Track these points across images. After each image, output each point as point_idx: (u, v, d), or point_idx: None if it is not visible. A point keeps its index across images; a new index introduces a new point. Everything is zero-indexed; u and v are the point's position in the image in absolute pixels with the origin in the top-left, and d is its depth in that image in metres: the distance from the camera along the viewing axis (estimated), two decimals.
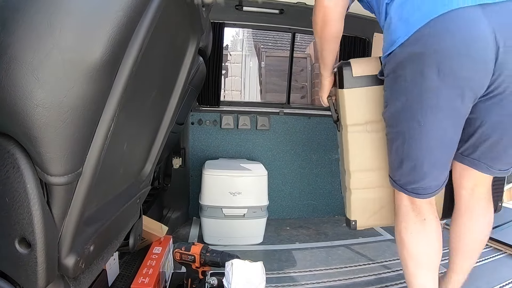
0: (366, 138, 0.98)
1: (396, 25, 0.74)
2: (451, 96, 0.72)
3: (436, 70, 0.70)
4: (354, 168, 1.01)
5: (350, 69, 0.94)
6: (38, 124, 0.35)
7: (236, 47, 3.51)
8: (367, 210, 1.04)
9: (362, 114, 0.96)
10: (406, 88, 0.76)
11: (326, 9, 0.83)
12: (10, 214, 0.40)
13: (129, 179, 0.74)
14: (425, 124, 0.75)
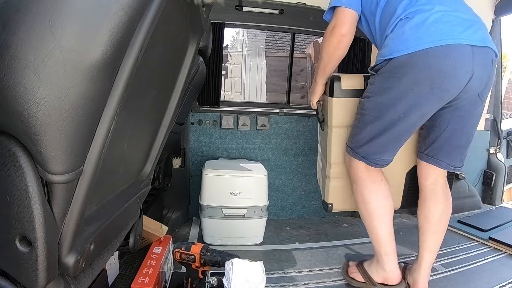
0: (345, 138, 1.19)
1: (408, 39, 0.92)
2: (432, 102, 0.97)
3: (430, 82, 0.92)
4: (334, 161, 1.24)
5: (340, 82, 1.17)
6: (39, 122, 0.35)
7: (236, 47, 3.51)
8: (341, 195, 1.28)
9: (345, 118, 1.19)
10: (397, 87, 0.96)
11: (342, 38, 1.04)
12: (11, 213, 0.41)
13: (129, 178, 0.74)
14: (405, 117, 0.98)
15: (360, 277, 1.19)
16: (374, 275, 1.15)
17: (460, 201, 2.24)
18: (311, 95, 1.25)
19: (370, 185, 1.08)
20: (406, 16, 0.93)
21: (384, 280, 1.13)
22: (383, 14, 1.01)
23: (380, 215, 1.09)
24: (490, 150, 2.50)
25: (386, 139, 1.03)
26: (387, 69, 0.97)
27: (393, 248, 1.11)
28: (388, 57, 0.96)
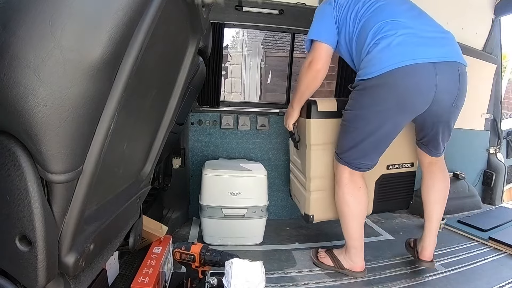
0: (323, 154, 1.37)
1: (376, 62, 1.05)
2: (401, 116, 1.13)
3: (396, 99, 1.07)
4: (314, 175, 1.39)
5: (316, 106, 1.34)
6: (39, 122, 0.35)
7: (236, 47, 3.51)
8: (322, 206, 1.42)
9: (321, 137, 1.35)
10: (370, 104, 1.12)
11: (318, 73, 1.22)
12: (11, 212, 0.41)
13: (129, 178, 0.74)
14: (379, 129, 1.14)
15: (329, 262, 1.36)
16: (343, 262, 1.32)
17: (460, 201, 2.24)
18: (288, 118, 1.42)
19: (351, 190, 1.24)
20: (374, 42, 1.07)
21: (351, 267, 1.31)
22: (357, 42, 1.16)
23: (355, 216, 1.26)
24: (490, 150, 2.50)
25: (365, 147, 1.18)
26: (361, 87, 1.13)
27: (361, 244, 1.29)
28: (362, 78, 1.11)
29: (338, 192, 1.28)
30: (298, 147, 1.51)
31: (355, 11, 1.16)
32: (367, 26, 1.10)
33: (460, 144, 2.37)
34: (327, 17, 1.21)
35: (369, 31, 1.08)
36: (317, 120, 1.34)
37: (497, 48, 2.40)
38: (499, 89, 2.49)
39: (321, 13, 1.25)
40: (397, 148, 1.41)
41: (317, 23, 1.24)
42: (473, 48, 2.29)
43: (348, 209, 1.25)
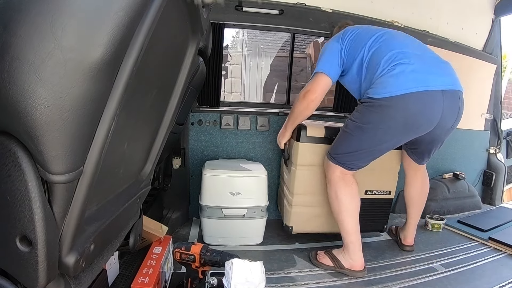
0: (307, 174, 1.52)
1: (389, 85, 1.14)
2: (405, 135, 1.24)
3: (404, 120, 1.17)
4: (297, 192, 1.54)
5: (306, 131, 1.49)
6: (39, 122, 0.35)
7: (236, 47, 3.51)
8: (301, 220, 1.58)
9: (307, 159, 1.50)
10: (376, 119, 1.20)
11: (311, 103, 1.33)
12: (11, 212, 0.41)
13: (129, 178, 0.74)
14: (380, 144, 1.25)
15: (329, 262, 1.38)
16: (343, 261, 1.34)
17: (460, 201, 2.24)
18: (281, 137, 1.54)
19: (343, 187, 1.31)
20: (390, 68, 1.16)
21: (351, 266, 1.32)
22: (368, 68, 1.25)
23: (350, 211, 1.32)
24: (490, 150, 2.50)
25: (361, 155, 1.28)
26: (370, 104, 1.20)
27: (358, 239, 1.33)
28: (372, 96, 1.18)
29: (330, 191, 1.35)
30: (287, 164, 1.67)
31: (364, 41, 1.27)
32: (379, 54, 1.21)
33: (460, 144, 2.37)
34: (334, 53, 1.32)
35: (382, 58, 1.19)
36: (305, 144, 1.49)
37: (497, 48, 2.40)
38: (499, 89, 2.49)
39: (329, 49, 1.36)
40: (377, 176, 1.58)
41: (324, 58, 1.34)
42: (473, 48, 2.29)
43: (342, 206, 1.31)
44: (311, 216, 1.59)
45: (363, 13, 1.99)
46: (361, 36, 1.30)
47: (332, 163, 1.32)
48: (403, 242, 1.57)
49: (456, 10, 2.16)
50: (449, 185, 2.23)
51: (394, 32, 1.31)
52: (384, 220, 1.67)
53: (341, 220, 1.33)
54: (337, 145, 1.33)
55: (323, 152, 1.48)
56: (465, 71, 2.22)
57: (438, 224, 1.88)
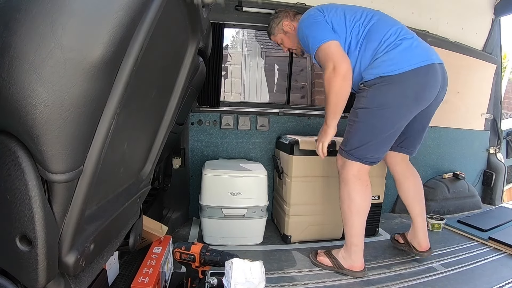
0: (302, 185, 1.61)
1: (398, 61, 1.12)
2: (415, 110, 1.20)
3: (415, 94, 1.16)
4: (293, 202, 1.62)
5: (298, 144, 1.58)
6: (39, 122, 0.35)
7: (236, 47, 3.51)
8: (298, 229, 1.65)
9: (301, 171, 1.60)
10: (389, 99, 1.15)
11: (347, 72, 1.15)
12: (11, 212, 0.41)
13: (129, 178, 0.74)
14: (394, 124, 1.19)
15: (328, 262, 1.37)
16: (342, 261, 1.33)
17: (460, 201, 2.25)
18: (323, 137, 1.30)
19: (359, 187, 1.26)
20: (394, 43, 1.14)
21: (350, 267, 1.32)
22: (368, 43, 1.18)
23: (360, 213, 1.27)
24: (490, 150, 2.51)
25: (378, 143, 1.21)
26: (380, 84, 1.14)
27: (362, 241, 1.30)
28: (382, 74, 1.13)
29: (344, 190, 1.28)
30: (281, 177, 1.74)
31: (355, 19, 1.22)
32: (378, 30, 1.18)
33: (460, 144, 2.37)
34: (322, 22, 1.22)
35: (383, 34, 1.16)
36: (298, 157, 1.58)
37: (497, 48, 2.40)
38: (499, 89, 2.49)
39: (313, 20, 1.24)
40: None
41: (316, 30, 1.21)
42: (473, 48, 2.29)
43: (354, 207, 1.26)
44: (308, 225, 1.65)
45: None
46: (349, 11, 1.24)
47: (349, 160, 1.25)
48: (420, 249, 1.44)
49: (456, 10, 2.16)
50: (449, 185, 2.23)
51: (382, 13, 1.27)
52: (375, 224, 1.77)
53: (350, 221, 1.29)
54: (349, 139, 1.25)
55: (315, 164, 1.59)
56: (465, 71, 2.22)
57: (438, 224, 1.89)
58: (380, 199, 1.74)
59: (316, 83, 2.98)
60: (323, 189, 1.64)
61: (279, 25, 1.49)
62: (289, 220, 1.63)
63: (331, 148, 1.60)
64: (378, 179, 1.72)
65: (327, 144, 1.32)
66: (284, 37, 1.51)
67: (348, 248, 1.32)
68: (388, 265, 1.43)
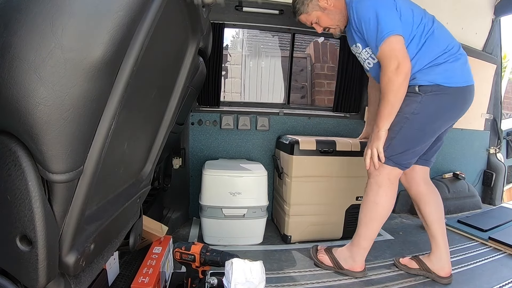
0: (302, 185, 1.61)
1: (460, 74, 1.15)
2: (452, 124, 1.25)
3: (461, 108, 1.20)
4: (294, 202, 1.62)
5: (298, 144, 1.58)
6: (39, 122, 0.35)
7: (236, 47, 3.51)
8: (298, 229, 1.66)
9: (301, 171, 1.60)
10: (441, 108, 1.16)
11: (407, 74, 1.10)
12: (12, 212, 0.41)
13: (129, 178, 0.74)
14: (437, 132, 1.22)
15: (328, 262, 1.36)
16: (343, 262, 1.32)
17: (460, 201, 2.25)
18: (376, 142, 1.20)
19: (389, 191, 1.23)
20: (455, 56, 1.15)
21: (351, 267, 1.31)
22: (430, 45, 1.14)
23: (382, 217, 1.25)
24: (490, 150, 2.50)
25: (420, 149, 1.21)
26: (436, 93, 1.13)
27: (371, 245, 1.30)
28: (440, 83, 1.13)
29: (373, 193, 1.24)
30: (281, 177, 1.73)
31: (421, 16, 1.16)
32: (440, 37, 1.16)
33: (460, 144, 2.37)
34: (393, 8, 1.10)
35: (445, 43, 1.15)
36: (298, 157, 1.58)
37: (497, 48, 2.40)
38: (499, 89, 2.49)
39: (384, 5, 1.10)
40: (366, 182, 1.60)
41: (388, 15, 1.08)
42: (473, 48, 2.29)
43: (379, 212, 1.24)
44: (308, 225, 1.66)
45: None
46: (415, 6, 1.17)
47: (387, 165, 1.20)
48: (441, 275, 1.27)
49: (456, 10, 2.16)
50: (449, 185, 2.23)
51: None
52: None
53: (369, 225, 1.26)
54: (393, 144, 1.18)
55: (315, 164, 1.60)
56: None
57: None
58: None
59: (316, 83, 2.98)
60: (323, 189, 1.64)
61: (313, 1, 1.31)
62: (289, 220, 1.64)
63: (331, 149, 1.61)
64: None
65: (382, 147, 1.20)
66: (321, 15, 1.32)
67: (355, 249, 1.30)
68: (388, 265, 1.43)
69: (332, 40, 2.92)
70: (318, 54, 3.12)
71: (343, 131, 2.09)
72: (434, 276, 1.29)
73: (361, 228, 1.28)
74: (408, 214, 2.23)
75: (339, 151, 1.62)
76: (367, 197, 1.26)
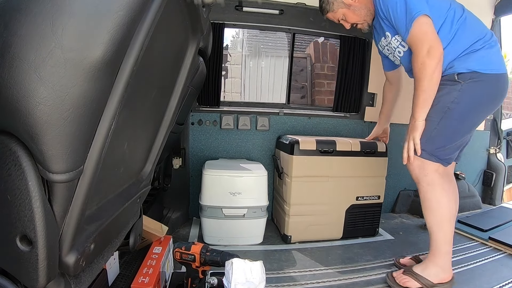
0: (302, 185, 1.61)
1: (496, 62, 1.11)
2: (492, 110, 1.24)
3: (500, 95, 1.16)
4: (294, 202, 1.62)
5: (298, 144, 1.58)
6: (39, 122, 0.35)
7: (236, 47, 3.51)
8: (298, 229, 1.65)
9: (301, 171, 1.60)
10: (482, 96, 1.11)
11: (441, 56, 1.07)
12: (12, 212, 0.41)
13: (129, 178, 0.74)
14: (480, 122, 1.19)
15: (415, 284, 1.20)
16: (432, 278, 1.18)
17: (460, 201, 2.22)
18: (414, 132, 1.15)
19: (446, 188, 1.15)
20: (490, 42, 1.11)
21: (441, 280, 1.18)
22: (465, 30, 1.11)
23: (452, 216, 1.16)
24: (490, 150, 2.50)
25: (461, 142, 1.17)
26: (475, 80, 1.08)
27: (451, 248, 1.19)
28: (479, 71, 1.08)
29: (429, 195, 1.16)
30: (281, 177, 1.73)
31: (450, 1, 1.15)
32: (476, 24, 1.14)
33: None
34: None
35: (479, 30, 1.12)
36: (298, 157, 1.58)
37: None
38: None
39: None
40: (366, 182, 1.70)
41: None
42: None
43: (446, 211, 1.15)
44: (308, 225, 1.65)
45: None
46: None
47: (429, 161, 1.14)
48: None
49: None
50: None
51: None
52: (375, 224, 1.77)
53: (440, 227, 1.16)
54: (434, 137, 1.12)
55: (315, 164, 1.59)
56: None
57: None
58: (380, 199, 1.74)
59: (316, 83, 2.98)
60: (323, 189, 1.64)
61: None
62: (289, 220, 1.64)
63: (331, 149, 1.61)
64: (378, 179, 1.73)
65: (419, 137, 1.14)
66: (347, 12, 1.33)
67: (440, 258, 1.18)
68: (388, 265, 1.43)
69: (332, 40, 2.92)
70: (318, 54, 3.12)
71: (343, 131, 2.09)
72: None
73: (435, 235, 1.18)
74: (408, 214, 2.23)
75: (339, 151, 1.63)
76: (427, 202, 1.17)
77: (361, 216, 1.73)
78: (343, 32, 1.95)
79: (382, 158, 1.70)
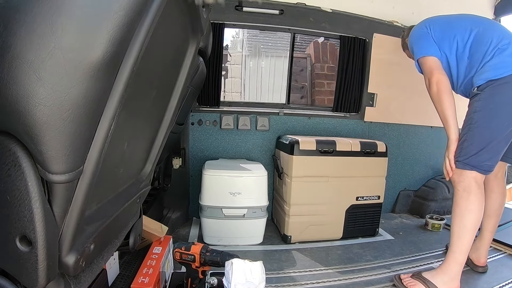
0: (302, 185, 1.62)
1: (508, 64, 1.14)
2: None
3: None
4: (294, 202, 1.63)
5: (298, 144, 1.59)
6: (39, 122, 0.35)
7: (236, 47, 3.51)
8: (298, 229, 1.66)
9: (301, 171, 1.61)
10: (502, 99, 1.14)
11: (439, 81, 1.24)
12: (11, 212, 0.41)
13: (129, 178, 0.74)
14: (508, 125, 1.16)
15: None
16: (440, 284, 1.20)
17: None
18: (446, 150, 1.26)
19: (479, 197, 1.18)
20: (499, 46, 1.18)
21: None
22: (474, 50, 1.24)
23: (476, 226, 1.19)
24: None
25: (495, 146, 1.18)
26: (493, 85, 1.15)
27: (466, 258, 1.21)
28: (493, 78, 1.15)
29: (462, 201, 1.20)
30: (281, 177, 1.74)
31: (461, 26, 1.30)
32: (482, 40, 1.23)
33: None
34: (425, 36, 1.34)
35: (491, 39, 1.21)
36: (298, 157, 1.59)
37: None
38: None
39: (418, 36, 1.37)
40: (367, 182, 1.70)
41: (418, 44, 1.35)
42: None
43: (473, 218, 1.17)
44: (308, 225, 1.66)
45: (363, 13, 1.99)
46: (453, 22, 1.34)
47: (465, 170, 1.19)
48: (477, 263, 1.38)
49: (456, 10, 2.15)
50: (450, 185, 2.22)
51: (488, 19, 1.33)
52: (375, 224, 1.78)
53: (465, 237, 1.18)
54: (466, 147, 1.19)
55: (315, 164, 1.60)
56: None
57: (438, 224, 1.88)
58: (380, 199, 1.75)
59: (316, 83, 2.98)
60: (323, 189, 1.64)
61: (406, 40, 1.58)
62: (289, 220, 1.64)
63: (331, 149, 1.61)
64: (378, 179, 1.73)
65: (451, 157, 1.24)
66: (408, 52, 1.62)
67: (453, 267, 1.19)
68: (388, 265, 1.43)
69: (332, 40, 2.92)
70: (318, 54, 3.12)
71: (343, 131, 2.09)
72: (469, 261, 1.38)
73: (456, 243, 1.19)
74: (408, 214, 2.23)
75: (339, 151, 1.63)
76: (459, 207, 1.20)
77: (361, 216, 1.73)
78: (343, 32, 1.95)
79: (382, 158, 1.70)
